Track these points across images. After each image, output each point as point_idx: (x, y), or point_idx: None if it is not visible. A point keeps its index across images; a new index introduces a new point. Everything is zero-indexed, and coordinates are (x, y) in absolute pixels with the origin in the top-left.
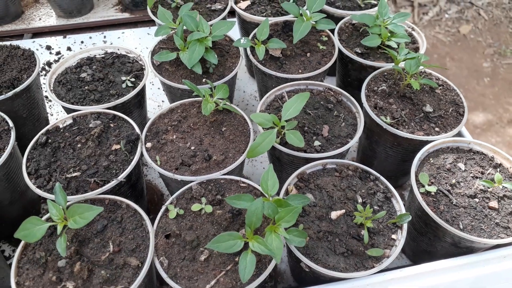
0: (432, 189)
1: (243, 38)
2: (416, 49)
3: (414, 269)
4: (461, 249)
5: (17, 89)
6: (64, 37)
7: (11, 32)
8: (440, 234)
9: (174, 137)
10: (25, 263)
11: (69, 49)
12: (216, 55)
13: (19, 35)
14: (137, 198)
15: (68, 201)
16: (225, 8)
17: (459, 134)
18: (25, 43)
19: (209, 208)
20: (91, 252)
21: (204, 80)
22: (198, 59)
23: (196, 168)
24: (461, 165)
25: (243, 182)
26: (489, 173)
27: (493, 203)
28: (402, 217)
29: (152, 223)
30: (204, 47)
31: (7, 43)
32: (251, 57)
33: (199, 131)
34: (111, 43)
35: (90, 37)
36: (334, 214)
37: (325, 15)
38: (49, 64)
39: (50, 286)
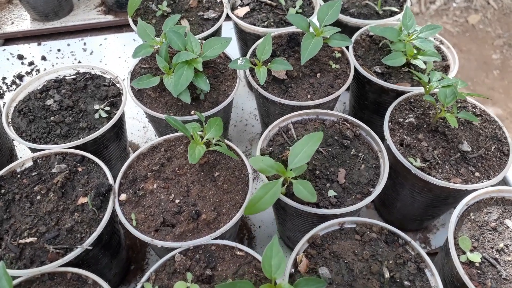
0: (476, 258)
1: (240, 58)
2: (446, 67)
3: None
4: None
5: None
6: (39, 44)
7: None
8: None
9: (155, 186)
10: None
11: (43, 58)
12: (207, 80)
13: None
14: (113, 255)
15: (19, 277)
16: (219, 16)
17: (504, 180)
18: None
19: None
20: None
21: (193, 112)
22: (186, 85)
23: (180, 231)
24: (509, 222)
25: (240, 250)
26: None
27: None
28: None
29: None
30: (193, 70)
31: None
32: (250, 79)
33: (185, 178)
34: (92, 52)
35: (68, 44)
36: None
37: (338, 27)
38: (20, 76)
39: None
